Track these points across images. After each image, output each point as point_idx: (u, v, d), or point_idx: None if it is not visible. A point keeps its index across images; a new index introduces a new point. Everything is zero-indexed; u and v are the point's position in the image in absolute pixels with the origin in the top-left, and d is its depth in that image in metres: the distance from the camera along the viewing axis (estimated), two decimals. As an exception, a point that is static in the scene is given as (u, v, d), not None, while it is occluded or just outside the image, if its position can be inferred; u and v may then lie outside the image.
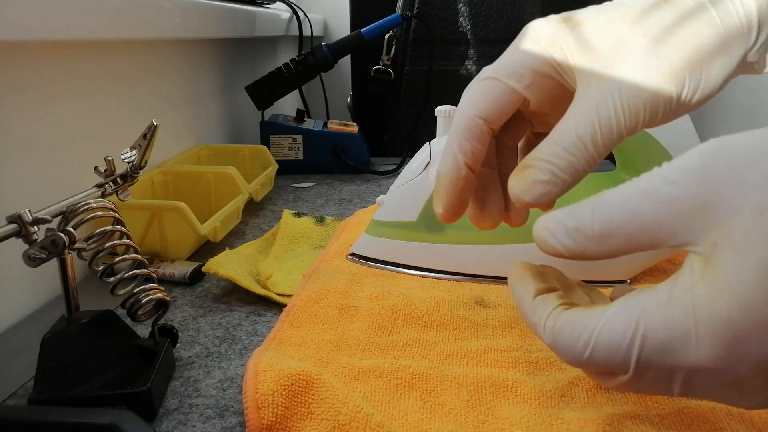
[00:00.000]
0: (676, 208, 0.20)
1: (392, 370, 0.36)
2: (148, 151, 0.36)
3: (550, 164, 0.25)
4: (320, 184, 0.87)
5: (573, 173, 0.25)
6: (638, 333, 0.20)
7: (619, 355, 0.21)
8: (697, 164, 0.20)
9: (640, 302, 0.21)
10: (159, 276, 0.52)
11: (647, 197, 0.21)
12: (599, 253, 0.23)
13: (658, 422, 0.31)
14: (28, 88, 0.49)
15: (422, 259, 0.51)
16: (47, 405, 0.33)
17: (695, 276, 0.20)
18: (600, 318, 0.21)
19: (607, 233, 0.22)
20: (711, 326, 0.19)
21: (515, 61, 0.28)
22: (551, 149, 0.26)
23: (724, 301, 0.19)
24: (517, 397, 0.34)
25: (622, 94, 0.25)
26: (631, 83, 0.25)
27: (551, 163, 0.25)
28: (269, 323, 0.45)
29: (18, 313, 0.48)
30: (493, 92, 0.29)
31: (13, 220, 0.31)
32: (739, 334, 0.18)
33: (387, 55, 0.99)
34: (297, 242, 0.60)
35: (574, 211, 0.23)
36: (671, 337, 0.20)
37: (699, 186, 0.20)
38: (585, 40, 0.27)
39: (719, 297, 0.19)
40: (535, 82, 0.28)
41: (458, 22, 0.99)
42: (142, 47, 0.68)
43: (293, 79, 0.92)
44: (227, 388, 0.37)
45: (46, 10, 0.45)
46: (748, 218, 0.19)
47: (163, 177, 0.68)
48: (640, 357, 0.20)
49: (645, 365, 0.20)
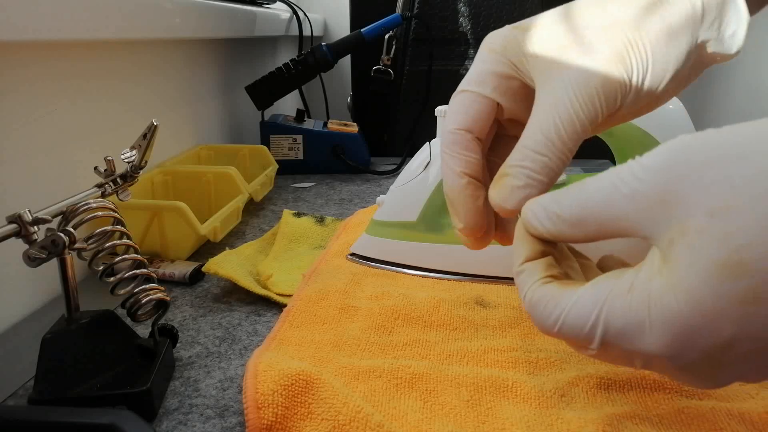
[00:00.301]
0: (640, 203, 0.21)
1: (392, 370, 0.36)
2: (148, 151, 0.36)
3: (523, 168, 0.26)
4: (320, 184, 0.87)
5: (548, 173, 0.26)
6: (601, 318, 0.22)
7: (583, 333, 0.22)
8: (661, 162, 0.21)
9: (607, 288, 0.22)
10: (159, 276, 0.52)
11: (617, 190, 0.22)
12: (576, 236, 0.24)
13: (658, 422, 0.31)
14: (28, 88, 0.49)
15: (422, 259, 0.51)
16: (47, 405, 0.33)
17: (653, 269, 0.21)
18: (570, 298, 0.23)
19: (582, 219, 0.23)
20: (662, 318, 0.20)
21: (478, 69, 0.30)
22: (522, 153, 0.27)
23: (675, 296, 0.20)
24: (517, 397, 0.34)
25: (574, 85, 0.26)
26: (579, 73, 0.27)
27: (524, 168, 0.26)
28: (269, 323, 0.45)
29: (18, 313, 0.48)
30: (465, 103, 0.30)
31: (13, 220, 0.31)
32: (688, 326, 0.20)
33: (387, 55, 0.99)
34: (297, 242, 0.60)
35: (557, 197, 0.25)
36: (628, 325, 0.21)
37: (660, 184, 0.21)
38: (534, 42, 0.29)
39: (671, 291, 0.20)
40: (501, 85, 0.30)
41: (458, 21, 0.99)
42: (142, 47, 0.68)
43: (293, 79, 0.92)
44: (227, 388, 0.37)
45: (46, 10, 0.45)
46: (701, 219, 0.20)
47: (163, 177, 0.68)
48: (603, 338, 0.22)
49: (607, 345, 0.22)
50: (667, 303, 0.20)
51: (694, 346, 0.20)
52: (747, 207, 0.19)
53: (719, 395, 0.34)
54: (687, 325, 0.20)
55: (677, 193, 0.20)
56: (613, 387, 0.34)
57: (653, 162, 0.21)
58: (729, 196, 0.19)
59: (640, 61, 0.27)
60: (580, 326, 0.23)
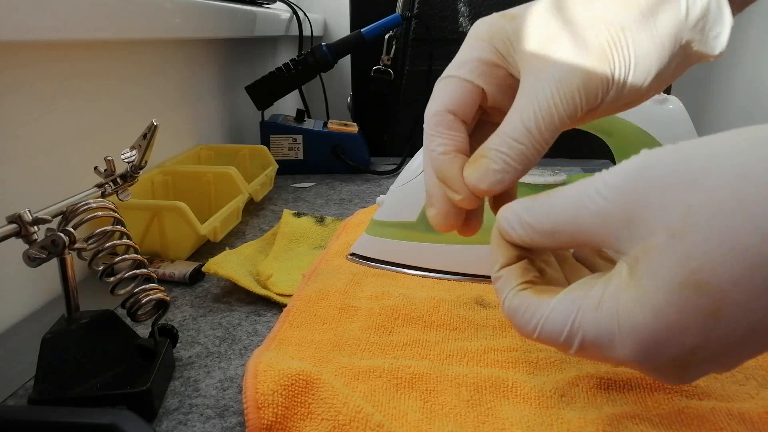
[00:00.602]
0: (606, 221, 0.22)
1: (392, 370, 0.36)
2: (148, 151, 0.36)
3: (501, 153, 0.27)
4: (320, 184, 0.87)
5: (523, 160, 0.27)
6: (575, 328, 0.23)
7: (561, 340, 0.24)
8: (623, 182, 0.22)
9: (578, 301, 0.23)
10: (159, 276, 0.52)
11: (584, 206, 0.23)
12: (549, 245, 0.25)
13: (658, 422, 0.31)
14: (28, 88, 0.49)
15: (422, 259, 0.51)
16: (47, 405, 0.33)
17: (621, 282, 0.22)
18: (545, 308, 0.24)
19: (554, 231, 0.24)
20: (631, 332, 0.22)
21: (463, 55, 0.31)
22: (501, 139, 0.27)
23: (641, 311, 0.21)
24: (517, 397, 0.34)
25: (556, 79, 0.27)
26: (562, 68, 0.27)
27: (502, 153, 0.27)
28: (269, 323, 0.45)
29: (18, 313, 0.48)
30: (449, 87, 0.30)
31: (13, 220, 0.31)
32: (654, 339, 0.21)
33: (387, 55, 0.99)
34: (297, 242, 0.60)
35: (530, 206, 0.26)
36: (600, 336, 0.23)
37: (623, 204, 0.22)
38: (520, 32, 0.29)
39: (638, 307, 0.21)
40: (485, 72, 0.30)
41: (458, 21, 0.99)
42: (142, 47, 0.68)
43: (293, 79, 0.92)
44: (227, 388, 0.37)
45: (46, 10, 0.45)
46: (662, 239, 0.21)
47: (163, 177, 0.68)
48: (579, 345, 0.23)
49: (583, 350, 0.24)
50: (634, 318, 0.21)
51: (660, 355, 0.22)
52: (703, 229, 0.20)
53: (719, 395, 0.34)
54: (653, 337, 0.21)
55: (640, 214, 0.21)
56: (613, 387, 0.34)
57: (616, 182, 0.22)
58: (686, 218, 0.20)
59: (623, 59, 0.27)
60: (557, 335, 0.24)
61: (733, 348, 0.21)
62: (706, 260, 0.20)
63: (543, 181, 0.52)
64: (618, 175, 0.22)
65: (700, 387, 0.34)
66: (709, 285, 0.20)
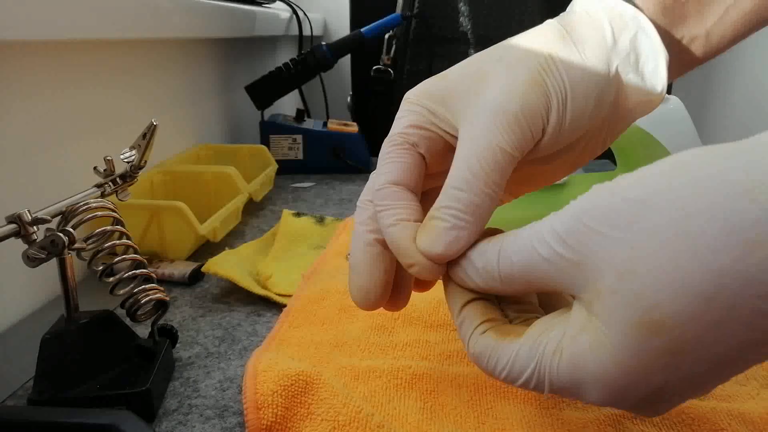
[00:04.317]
0: (558, 267, 0.22)
1: (392, 371, 0.36)
2: (147, 151, 0.36)
3: (449, 209, 0.25)
4: (320, 184, 0.87)
5: (474, 211, 0.25)
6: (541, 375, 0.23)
7: (530, 386, 0.23)
8: (568, 228, 0.21)
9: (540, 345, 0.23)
10: (158, 276, 0.52)
11: (536, 253, 0.22)
12: (507, 291, 0.25)
13: (659, 422, 0.31)
14: (27, 88, 0.49)
15: (422, 259, 0.51)
16: (46, 405, 0.33)
17: (580, 324, 0.22)
18: (508, 354, 0.23)
19: (509, 278, 0.24)
20: (593, 378, 0.21)
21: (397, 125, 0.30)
22: (446, 194, 0.25)
23: (600, 358, 0.21)
24: (517, 398, 0.34)
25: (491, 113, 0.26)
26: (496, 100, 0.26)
27: (450, 208, 0.25)
28: (269, 323, 0.45)
29: (17, 313, 0.48)
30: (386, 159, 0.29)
31: (13, 220, 0.31)
32: (617, 385, 0.21)
33: (387, 55, 0.99)
34: (296, 242, 0.60)
35: (483, 250, 0.25)
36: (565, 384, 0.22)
37: (571, 249, 0.21)
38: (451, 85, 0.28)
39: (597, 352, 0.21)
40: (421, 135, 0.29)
41: (458, 21, 0.99)
42: (142, 47, 0.68)
43: (293, 79, 0.92)
44: (227, 388, 0.37)
45: (46, 10, 0.45)
46: (611, 281, 0.20)
47: (162, 177, 0.68)
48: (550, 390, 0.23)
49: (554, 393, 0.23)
50: (594, 366, 0.21)
51: (627, 397, 0.21)
52: (649, 268, 0.19)
53: (720, 395, 0.34)
54: (617, 383, 0.21)
55: (587, 257, 0.21)
56: (613, 387, 0.34)
57: (563, 228, 0.22)
58: (631, 258, 0.20)
59: (557, 83, 0.26)
60: (525, 381, 0.23)
61: (702, 381, 0.21)
62: (658, 298, 0.19)
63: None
64: (563, 223, 0.22)
65: (700, 387, 0.34)
66: (665, 323, 0.19)
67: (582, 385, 0.22)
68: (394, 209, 0.27)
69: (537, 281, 0.23)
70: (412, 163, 0.28)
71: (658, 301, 0.19)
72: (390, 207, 0.27)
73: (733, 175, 0.18)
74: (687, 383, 0.20)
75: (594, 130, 0.29)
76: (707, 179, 0.19)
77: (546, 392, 0.23)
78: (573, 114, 0.27)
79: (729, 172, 0.19)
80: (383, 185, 0.28)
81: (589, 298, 0.21)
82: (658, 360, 0.20)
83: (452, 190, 0.25)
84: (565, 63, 0.27)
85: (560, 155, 0.29)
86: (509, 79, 0.27)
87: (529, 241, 0.23)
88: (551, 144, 0.27)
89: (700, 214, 0.19)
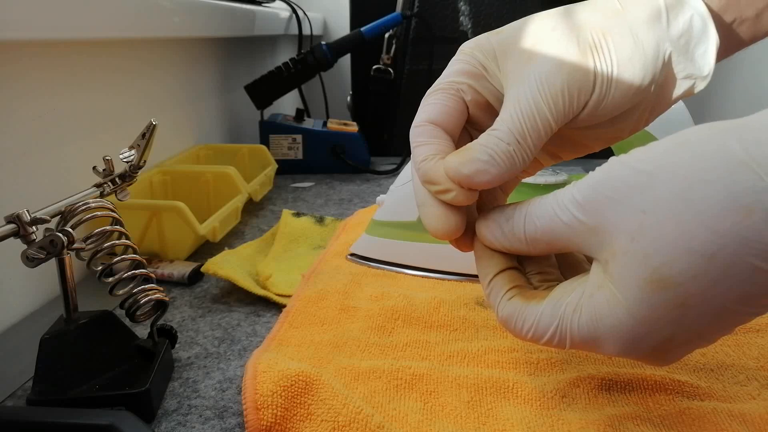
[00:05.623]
0: (577, 231, 0.24)
1: (392, 371, 0.36)
2: (146, 151, 0.36)
3: (488, 148, 0.27)
4: (320, 184, 0.87)
5: (508, 160, 0.27)
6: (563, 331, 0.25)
7: (554, 343, 0.25)
8: (586, 196, 0.24)
9: (561, 305, 0.25)
10: (158, 276, 0.52)
11: (558, 218, 0.25)
12: (529, 251, 0.27)
13: (660, 423, 0.31)
14: (27, 87, 0.49)
15: (422, 260, 0.51)
16: (46, 406, 0.32)
17: (597, 283, 0.24)
18: (534, 314, 0.26)
19: (533, 239, 0.26)
20: (610, 332, 0.23)
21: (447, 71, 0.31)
22: (487, 135, 0.27)
23: (616, 312, 0.23)
24: (517, 398, 0.34)
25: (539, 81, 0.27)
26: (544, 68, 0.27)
27: (489, 148, 0.27)
28: (268, 324, 0.45)
29: (17, 313, 0.48)
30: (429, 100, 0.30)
31: (12, 220, 0.31)
32: (632, 334, 0.23)
33: (387, 55, 0.99)
34: (296, 242, 0.60)
35: (509, 215, 0.27)
36: (585, 337, 0.24)
37: (588, 215, 0.24)
38: (505, 42, 0.30)
39: (614, 308, 0.23)
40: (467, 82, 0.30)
41: (458, 20, 0.99)
42: (141, 46, 0.68)
43: (293, 79, 0.92)
44: (226, 389, 0.37)
45: (46, 10, 0.45)
46: (624, 243, 0.23)
47: (162, 177, 0.67)
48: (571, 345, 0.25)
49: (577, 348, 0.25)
50: (611, 317, 0.23)
51: (641, 348, 0.24)
52: (657, 231, 0.22)
53: (721, 396, 0.34)
54: (631, 334, 0.23)
55: (603, 222, 0.23)
56: (614, 388, 0.34)
57: (581, 196, 0.24)
58: (641, 222, 0.22)
59: (605, 61, 0.27)
60: (549, 339, 0.25)
61: (707, 331, 0.23)
62: (664, 258, 0.21)
63: (544, 181, 0.52)
64: (582, 191, 0.24)
65: (701, 388, 0.34)
66: (671, 280, 0.21)
67: (600, 338, 0.24)
68: (428, 146, 0.28)
69: (558, 243, 0.25)
70: (454, 107, 0.30)
71: (665, 261, 0.21)
72: (424, 144, 0.28)
73: (731, 148, 0.21)
74: (694, 333, 0.23)
75: (636, 108, 0.29)
76: (708, 153, 0.21)
77: (567, 347, 0.25)
78: (616, 92, 0.28)
79: (728, 146, 0.21)
80: (421, 122, 0.29)
81: (605, 258, 0.23)
82: (667, 313, 0.22)
83: (493, 137, 0.27)
84: (615, 42, 0.27)
85: (600, 127, 0.30)
86: (560, 52, 0.28)
87: (552, 208, 0.25)
88: (590, 118, 0.28)
89: (702, 183, 0.21)
